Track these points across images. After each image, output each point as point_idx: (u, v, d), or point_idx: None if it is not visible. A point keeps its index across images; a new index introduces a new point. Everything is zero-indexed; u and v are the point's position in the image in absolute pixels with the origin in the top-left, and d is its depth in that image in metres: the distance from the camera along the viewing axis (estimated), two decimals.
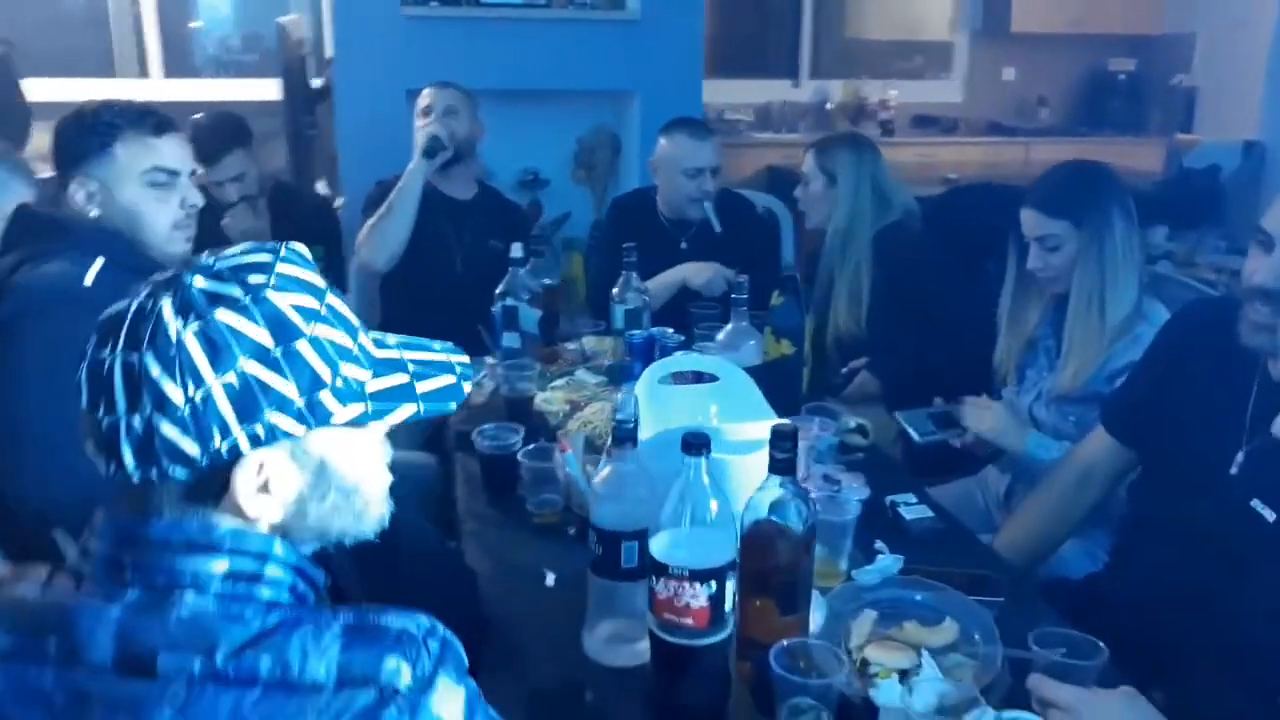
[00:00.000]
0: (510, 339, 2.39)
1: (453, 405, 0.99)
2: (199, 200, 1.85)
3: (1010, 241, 2.20)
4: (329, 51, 4.07)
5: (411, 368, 0.97)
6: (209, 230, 2.51)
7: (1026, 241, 2.13)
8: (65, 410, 0.99)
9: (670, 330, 2.37)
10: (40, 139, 3.89)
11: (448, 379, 0.99)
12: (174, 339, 0.83)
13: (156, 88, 5.28)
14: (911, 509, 1.83)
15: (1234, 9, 5.71)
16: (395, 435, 2.96)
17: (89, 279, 1.68)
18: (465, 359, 1.02)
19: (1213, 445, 1.62)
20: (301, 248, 0.96)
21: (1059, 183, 2.13)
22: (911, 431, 2.19)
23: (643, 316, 2.40)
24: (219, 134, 3.04)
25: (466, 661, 0.89)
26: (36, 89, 4.42)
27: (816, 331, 2.87)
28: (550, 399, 2.23)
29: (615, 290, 2.44)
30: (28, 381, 1.62)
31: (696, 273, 2.85)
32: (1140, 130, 6.24)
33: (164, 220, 1.81)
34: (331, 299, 0.93)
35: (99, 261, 1.70)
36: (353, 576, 1.31)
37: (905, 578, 1.55)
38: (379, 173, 3.15)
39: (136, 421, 0.83)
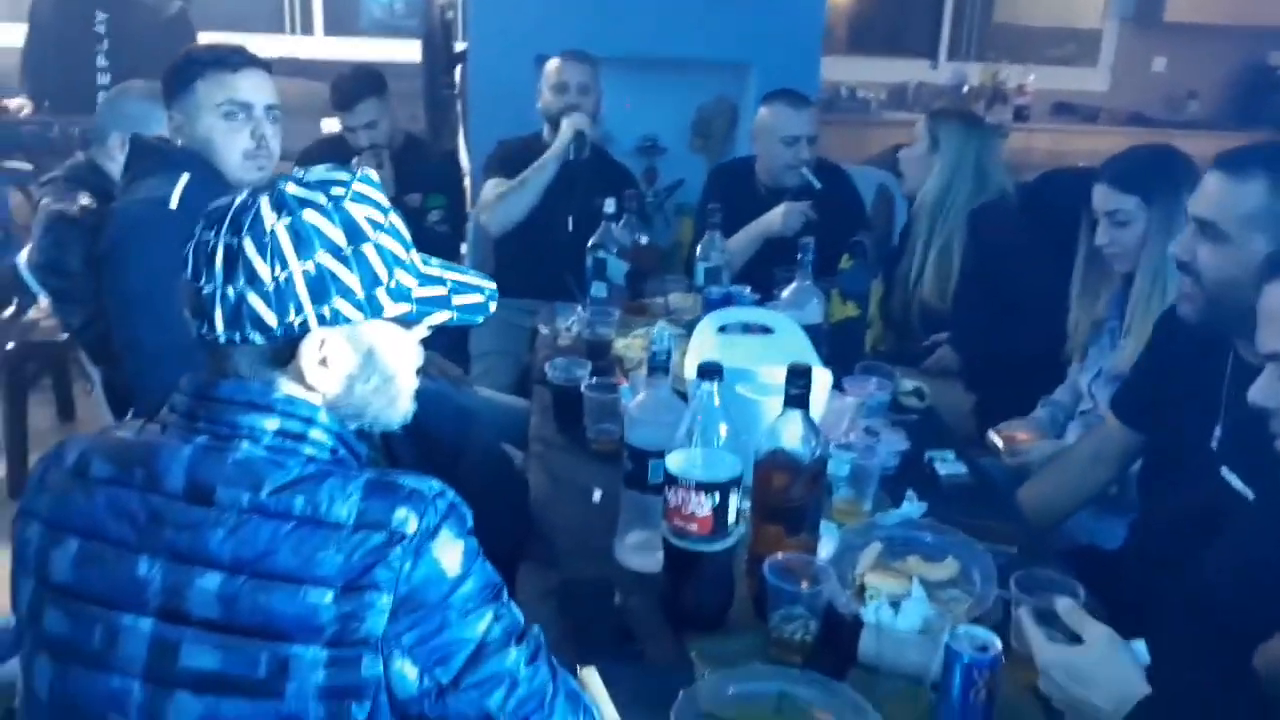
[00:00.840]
0: (598, 288, 2.56)
1: (479, 319, 1.18)
2: (269, 133, 2.00)
3: (1082, 220, 2.24)
4: None
5: (449, 285, 1.15)
6: None
7: (1095, 219, 2.17)
8: (168, 325, 1.22)
9: (747, 289, 2.49)
10: None
11: (478, 297, 1.17)
12: (268, 229, 1.03)
13: (317, 45, 5.65)
14: (947, 465, 1.92)
15: None
16: (496, 376, 3.16)
17: (174, 200, 1.88)
18: (492, 285, 1.20)
19: (1195, 423, 1.70)
20: (374, 174, 1.16)
21: (1134, 160, 2.16)
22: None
23: (722, 274, 2.54)
24: (355, 83, 3.32)
25: (470, 523, 1.06)
26: (210, 42, 4.77)
27: (901, 302, 2.94)
28: (629, 345, 2.38)
29: (699, 249, 2.58)
30: (133, 306, 1.87)
31: (774, 219, 2.94)
32: None
33: (236, 149, 1.97)
34: (393, 218, 1.12)
35: (184, 178, 1.90)
36: (413, 465, 1.51)
37: (920, 520, 1.66)
38: (506, 133, 3.34)
39: (230, 291, 1.03)
